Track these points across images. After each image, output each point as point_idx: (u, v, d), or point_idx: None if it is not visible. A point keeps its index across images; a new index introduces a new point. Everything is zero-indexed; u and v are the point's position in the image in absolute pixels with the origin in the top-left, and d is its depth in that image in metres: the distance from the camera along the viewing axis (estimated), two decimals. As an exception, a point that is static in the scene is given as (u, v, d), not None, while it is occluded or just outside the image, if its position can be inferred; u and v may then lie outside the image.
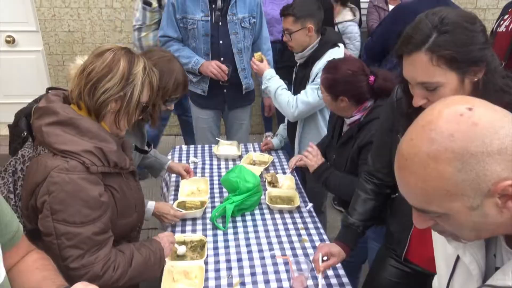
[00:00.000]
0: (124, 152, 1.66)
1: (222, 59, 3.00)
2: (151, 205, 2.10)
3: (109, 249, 1.46)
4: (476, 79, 1.25)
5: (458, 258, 1.00)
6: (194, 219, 2.23)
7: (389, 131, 1.69)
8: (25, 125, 1.59)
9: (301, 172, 3.06)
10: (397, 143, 1.64)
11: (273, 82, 2.75)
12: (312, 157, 2.30)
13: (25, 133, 1.59)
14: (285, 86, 2.76)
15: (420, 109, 1.28)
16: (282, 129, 3.12)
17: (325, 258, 1.69)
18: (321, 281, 1.66)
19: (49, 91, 1.60)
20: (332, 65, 2.11)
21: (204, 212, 2.28)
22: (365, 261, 2.54)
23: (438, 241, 1.11)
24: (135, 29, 3.56)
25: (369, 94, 2.03)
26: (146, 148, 2.20)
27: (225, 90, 3.17)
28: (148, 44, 3.52)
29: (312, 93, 2.57)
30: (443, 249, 1.08)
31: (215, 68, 2.93)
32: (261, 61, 2.84)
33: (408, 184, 0.81)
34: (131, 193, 1.64)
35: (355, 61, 2.08)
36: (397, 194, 1.77)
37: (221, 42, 2.98)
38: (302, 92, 2.63)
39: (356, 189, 1.88)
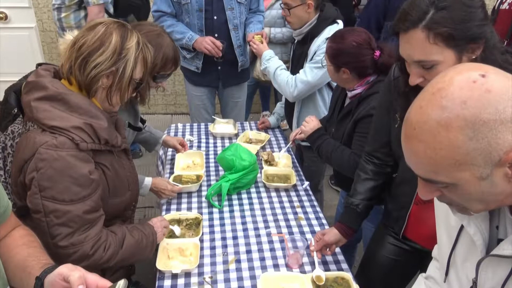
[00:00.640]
0: (117, 130, 1.63)
1: (216, 35, 2.93)
2: (148, 181, 2.08)
3: (100, 228, 1.44)
4: (474, 57, 1.22)
5: (461, 229, 0.99)
6: (189, 197, 2.21)
7: (386, 110, 1.66)
8: (14, 100, 1.54)
9: (298, 151, 3.05)
10: (395, 123, 1.62)
11: (272, 62, 2.69)
12: (308, 124, 2.27)
13: (16, 110, 1.55)
14: (284, 66, 2.71)
15: (418, 88, 1.25)
16: (279, 107, 3.08)
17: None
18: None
19: (40, 66, 1.56)
20: (338, 35, 2.05)
21: (200, 190, 2.26)
22: (360, 240, 2.55)
23: (441, 212, 1.10)
24: (54, 8, 3.32)
25: (372, 69, 1.99)
26: (140, 125, 2.17)
27: (219, 67, 3.11)
28: (69, 26, 3.31)
29: (311, 72, 2.52)
30: (445, 221, 1.07)
31: (209, 44, 2.86)
32: (261, 42, 2.79)
33: (416, 153, 0.79)
34: (123, 172, 1.62)
35: (363, 33, 2.01)
36: (396, 174, 1.76)
37: (215, 17, 2.91)
38: (301, 71, 2.58)
39: (357, 170, 1.87)
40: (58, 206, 1.32)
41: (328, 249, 1.76)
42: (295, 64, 2.74)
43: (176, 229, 1.88)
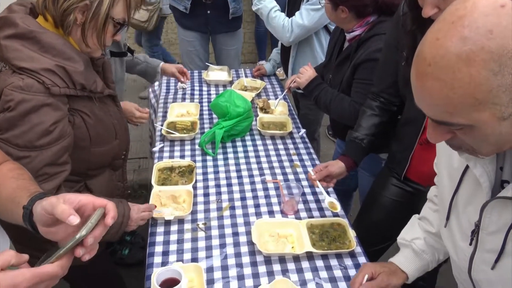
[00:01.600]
0: (104, 74, 1.53)
1: None
2: None
3: (55, 185, 1.30)
4: None
5: (464, 172, 0.94)
6: (182, 145, 2.15)
7: (394, 48, 1.57)
8: None
9: (295, 99, 2.96)
10: (402, 61, 1.53)
11: (265, 3, 2.54)
12: (302, 75, 2.16)
13: None
14: (278, 7, 2.56)
15: (425, 26, 1.15)
16: (275, 53, 2.95)
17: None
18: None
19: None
20: None
21: (193, 138, 2.20)
22: (356, 189, 2.53)
23: (443, 155, 1.04)
24: None
25: (372, 8, 1.85)
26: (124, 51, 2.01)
27: (208, 11, 2.95)
28: None
29: (307, 15, 2.38)
30: (448, 163, 1.01)
31: None
32: None
33: (431, 93, 0.69)
34: (109, 119, 1.52)
35: None
36: (401, 115, 1.70)
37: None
38: (297, 14, 2.43)
39: (362, 107, 1.81)
40: (11, 150, 1.22)
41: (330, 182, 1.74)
42: (291, 5, 2.59)
43: (166, 210, 1.71)
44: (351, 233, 1.59)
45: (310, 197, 1.82)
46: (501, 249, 0.87)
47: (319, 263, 1.50)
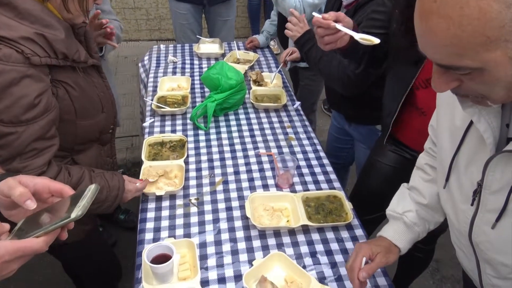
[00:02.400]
0: (87, 44, 1.45)
1: None
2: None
3: (46, 160, 1.25)
4: None
5: (467, 130, 0.88)
6: (173, 119, 2.09)
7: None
8: None
9: (292, 73, 2.88)
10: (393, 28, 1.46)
11: None
12: (293, 27, 2.00)
13: None
14: None
15: None
16: (268, 25, 2.85)
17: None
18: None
19: None
20: None
21: (184, 112, 2.13)
22: (352, 162, 2.49)
23: (444, 114, 0.99)
24: None
25: None
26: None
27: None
28: None
29: None
30: (450, 122, 0.96)
31: None
32: None
33: (436, 33, 0.63)
34: (94, 91, 1.44)
35: None
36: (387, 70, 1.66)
37: None
38: None
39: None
40: None
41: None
42: None
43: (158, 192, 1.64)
44: (348, 206, 1.55)
45: (305, 170, 1.77)
46: (503, 207, 0.83)
47: (315, 236, 1.46)
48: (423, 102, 1.50)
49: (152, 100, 2.16)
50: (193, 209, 1.56)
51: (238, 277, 1.30)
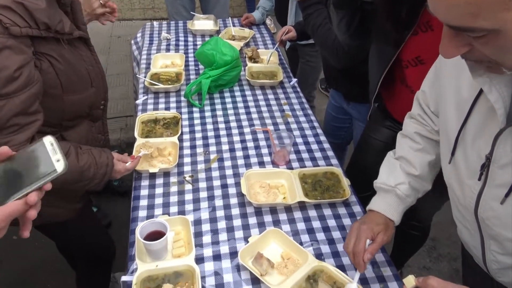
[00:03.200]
0: (73, 16, 1.39)
1: None
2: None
3: (28, 136, 1.19)
4: None
5: (475, 101, 0.85)
6: (167, 96, 2.04)
7: None
8: None
9: (290, 51, 2.82)
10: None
11: None
12: None
13: None
14: None
15: None
16: (263, 0, 2.78)
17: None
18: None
19: None
20: None
21: (178, 90, 2.08)
22: (350, 142, 2.45)
23: (448, 85, 0.95)
24: None
25: None
26: None
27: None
28: None
29: None
30: (455, 94, 0.92)
31: None
32: None
33: None
34: (82, 64, 1.39)
35: None
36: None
37: None
38: None
39: None
40: None
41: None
42: None
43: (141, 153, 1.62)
44: (345, 182, 1.52)
45: (302, 147, 1.73)
46: None
47: (312, 213, 1.43)
48: (413, 81, 1.47)
49: (145, 77, 2.11)
50: (188, 187, 1.53)
51: (233, 254, 1.27)
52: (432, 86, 1.09)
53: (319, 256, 1.28)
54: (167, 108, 1.96)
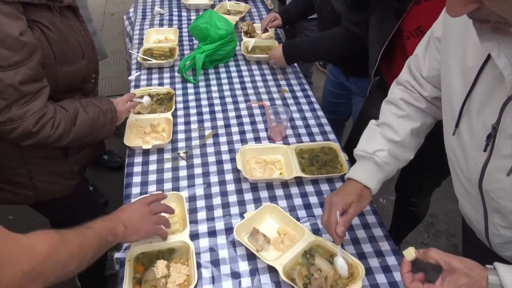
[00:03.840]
0: None
1: None
2: None
3: (43, 102, 1.20)
4: None
5: (482, 68, 0.80)
6: (161, 72, 1.99)
7: None
8: None
9: (288, 27, 2.74)
10: None
11: None
12: (274, 57, 1.96)
13: None
14: None
15: None
16: (259, -27, 2.70)
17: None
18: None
19: None
20: None
21: (172, 65, 2.03)
22: (349, 118, 2.41)
23: (453, 54, 0.90)
24: None
25: None
26: None
27: None
28: None
29: None
30: (460, 62, 0.87)
31: None
32: None
33: None
34: (72, 35, 1.35)
35: None
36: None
37: None
38: None
39: None
40: None
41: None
42: None
43: (146, 99, 1.66)
44: (343, 157, 1.49)
45: (299, 122, 1.70)
46: None
47: (309, 188, 1.41)
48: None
49: (137, 52, 2.05)
50: (182, 163, 1.49)
51: (229, 230, 1.25)
52: (425, 55, 1.05)
53: (316, 231, 1.25)
54: (161, 84, 1.91)
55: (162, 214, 1.19)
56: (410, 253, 0.87)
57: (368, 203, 1.12)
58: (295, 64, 2.09)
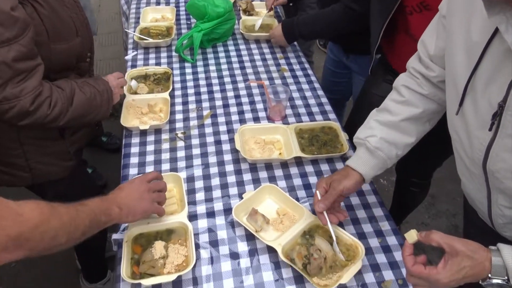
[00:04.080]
0: None
1: None
2: None
3: (38, 80, 1.18)
4: None
5: (488, 44, 0.77)
6: (158, 52, 1.95)
7: None
8: None
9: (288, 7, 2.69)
10: None
11: None
12: (274, 35, 1.94)
13: None
14: None
15: None
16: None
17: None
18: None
19: None
20: None
21: (170, 44, 1.99)
22: (349, 98, 2.38)
23: (458, 30, 0.86)
24: None
25: None
26: None
27: None
28: None
29: None
30: (465, 38, 0.84)
31: None
32: None
33: None
34: (65, 11, 1.31)
35: None
36: None
37: None
38: None
39: None
40: None
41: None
42: None
43: (133, 83, 1.65)
44: (343, 136, 1.46)
45: (298, 102, 1.67)
46: None
47: (309, 168, 1.39)
48: (416, 28, 1.38)
49: (134, 31, 2.01)
50: (180, 144, 1.47)
51: (227, 211, 1.24)
52: (433, 34, 1.02)
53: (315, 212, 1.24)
54: (158, 64, 1.87)
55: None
56: (412, 235, 0.86)
57: (350, 184, 1.10)
58: (295, 43, 2.04)
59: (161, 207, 1.14)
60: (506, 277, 0.76)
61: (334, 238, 1.10)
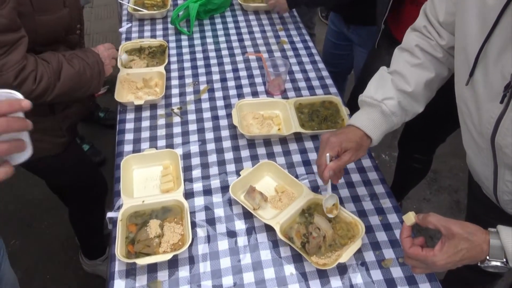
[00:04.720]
0: None
1: None
2: None
3: (22, 54, 1.12)
4: None
5: (504, 8, 0.71)
6: (153, 24, 1.88)
7: None
8: None
9: None
10: None
11: None
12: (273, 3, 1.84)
13: None
14: None
15: None
16: None
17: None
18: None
19: None
20: None
21: (165, 16, 1.92)
22: (351, 71, 2.31)
23: None
24: None
25: None
26: None
27: None
28: None
29: None
30: (478, 3, 0.78)
31: None
32: None
33: None
34: None
35: None
36: None
37: None
38: None
39: None
40: None
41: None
42: None
43: (124, 56, 1.60)
44: (345, 111, 1.42)
45: (298, 75, 1.61)
46: None
47: (308, 144, 1.35)
48: None
49: (128, 2, 1.93)
50: (176, 119, 1.43)
51: (225, 188, 1.21)
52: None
53: (315, 189, 1.21)
54: (153, 36, 1.81)
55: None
56: (409, 218, 0.85)
57: (364, 154, 1.04)
58: (295, 14, 1.97)
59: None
60: (504, 259, 0.74)
61: (329, 190, 1.07)
